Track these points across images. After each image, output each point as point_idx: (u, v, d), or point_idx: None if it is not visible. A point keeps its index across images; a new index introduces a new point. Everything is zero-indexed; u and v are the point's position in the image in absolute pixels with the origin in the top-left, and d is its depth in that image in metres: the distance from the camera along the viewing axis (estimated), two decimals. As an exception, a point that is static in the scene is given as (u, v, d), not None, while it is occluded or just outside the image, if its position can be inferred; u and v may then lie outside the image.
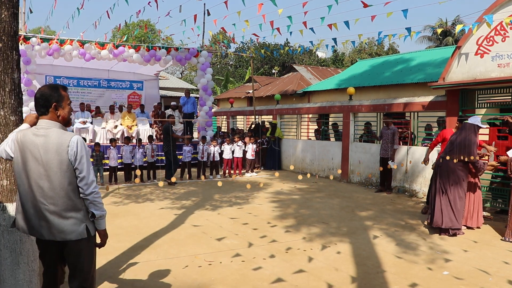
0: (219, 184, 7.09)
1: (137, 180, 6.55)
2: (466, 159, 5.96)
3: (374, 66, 16.86)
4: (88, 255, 2.75)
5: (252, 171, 12.52)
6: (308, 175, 8.50)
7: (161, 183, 6.94)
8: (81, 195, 2.62)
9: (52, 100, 2.63)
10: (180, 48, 13.24)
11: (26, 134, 2.60)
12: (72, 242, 2.63)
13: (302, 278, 4.33)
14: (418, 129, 10.15)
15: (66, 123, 2.72)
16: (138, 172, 6.29)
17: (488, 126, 8.04)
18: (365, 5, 6.72)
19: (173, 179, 8.09)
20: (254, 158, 12.49)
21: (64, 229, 2.58)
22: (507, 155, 6.00)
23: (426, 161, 7.68)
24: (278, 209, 7.71)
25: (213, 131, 14.12)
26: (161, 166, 11.23)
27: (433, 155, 7.99)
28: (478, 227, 6.31)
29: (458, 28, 7.49)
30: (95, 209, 2.65)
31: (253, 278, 4.34)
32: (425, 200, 8.22)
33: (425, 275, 4.45)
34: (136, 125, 13.32)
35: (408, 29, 7.36)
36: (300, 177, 7.68)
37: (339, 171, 7.95)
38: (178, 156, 11.18)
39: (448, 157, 6.05)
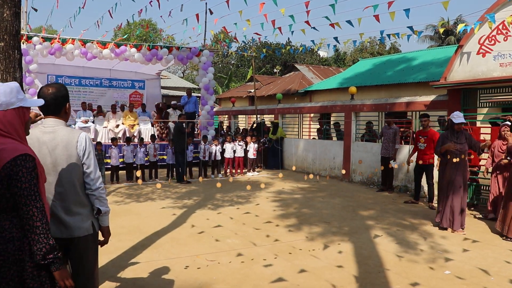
0: (218, 185, 7.03)
1: (140, 181, 6.57)
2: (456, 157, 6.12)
3: (376, 65, 16.84)
4: (93, 253, 2.76)
5: (253, 171, 12.53)
6: (311, 176, 8.56)
7: (158, 185, 6.94)
8: (87, 191, 2.66)
9: (65, 101, 2.67)
10: (182, 47, 13.24)
11: (32, 132, 2.60)
12: (78, 239, 2.64)
13: (303, 278, 4.34)
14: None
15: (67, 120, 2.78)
16: (138, 173, 6.26)
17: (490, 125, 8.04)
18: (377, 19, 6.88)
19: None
20: (255, 157, 12.49)
21: (72, 225, 2.60)
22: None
23: (409, 162, 8.13)
24: (280, 208, 7.71)
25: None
26: (162, 166, 11.24)
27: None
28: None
29: (459, 27, 7.48)
30: (101, 205, 2.69)
31: (255, 277, 4.35)
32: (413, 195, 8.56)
33: (426, 275, 4.45)
34: (138, 124, 13.34)
35: (410, 28, 7.35)
36: (306, 177, 7.68)
37: (343, 171, 7.98)
38: None
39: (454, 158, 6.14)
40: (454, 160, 6.11)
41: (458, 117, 6.17)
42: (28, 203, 1.97)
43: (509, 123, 6.87)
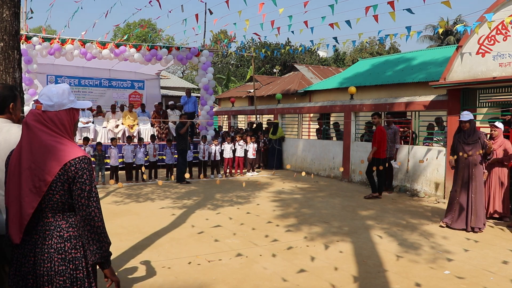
0: (218, 182, 7.01)
1: (145, 176, 6.48)
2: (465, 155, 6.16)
3: (376, 66, 16.83)
4: None
5: (253, 170, 12.53)
6: (303, 173, 8.59)
7: (160, 182, 6.92)
8: None
9: (9, 100, 2.63)
10: (181, 47, 13.24)
11: None
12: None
13: (303, 278, 4.34)
14: (419, 128, 10.14)
15: (18, 121, 2.74)
16: (143, 169, 6.17)
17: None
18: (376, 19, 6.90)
19: (187, 175, 7.97)
20: (255, 157, 12.49)
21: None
22: None
23: (370, 159, 8.62)
24: (279, 208, 7.71)
25: (215, 130, 14.13)
26: (162, 166, 11.24)
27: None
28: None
29: (455, 27, 7.49)
30: None
31: (255, 277, 4.34)
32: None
33: (426, 275, 4.45)
34: (137, 124, 13.34)
35: (408, 28, 7.35)
36: (295, 175, 7.68)
37: (341, 169, 8.00)
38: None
39: (465, 155, 6.15)
40: (462, 154, 6.15)
41: (462, 115, 6.21)
42: (90, 205, 2.06)
43: (498, 124, 6.86)
